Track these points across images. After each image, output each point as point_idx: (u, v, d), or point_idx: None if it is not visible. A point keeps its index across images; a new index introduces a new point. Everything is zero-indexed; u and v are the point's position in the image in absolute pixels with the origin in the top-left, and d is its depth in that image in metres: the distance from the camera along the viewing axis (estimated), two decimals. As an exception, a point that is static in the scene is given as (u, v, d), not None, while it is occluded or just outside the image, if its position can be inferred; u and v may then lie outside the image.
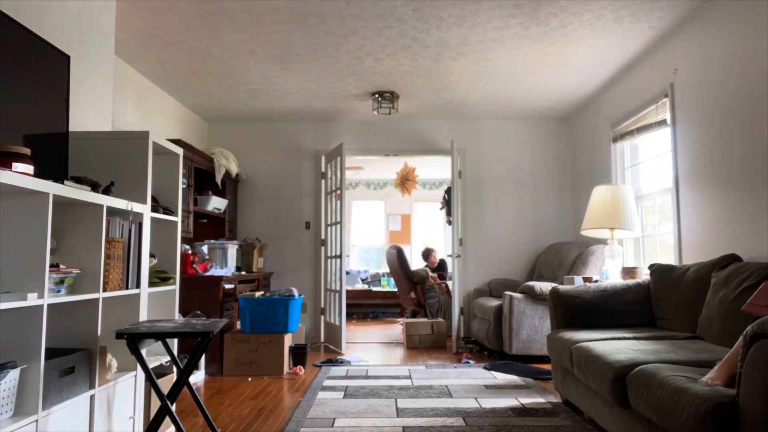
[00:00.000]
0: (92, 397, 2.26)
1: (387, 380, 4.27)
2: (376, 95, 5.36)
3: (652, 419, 2.14)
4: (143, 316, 2.68)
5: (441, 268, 7.89)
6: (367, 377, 4.40)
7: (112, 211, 2.49)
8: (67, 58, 2.57)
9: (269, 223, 6.39)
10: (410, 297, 7.09)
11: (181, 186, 3.13)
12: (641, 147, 4.86)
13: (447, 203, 7.53)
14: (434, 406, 3.51)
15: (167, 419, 2.89)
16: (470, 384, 4.12)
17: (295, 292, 4.85)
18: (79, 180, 2.27)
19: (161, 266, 3.01)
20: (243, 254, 5.68)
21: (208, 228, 5.77)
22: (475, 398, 3.69)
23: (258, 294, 4.86)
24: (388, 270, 8.03)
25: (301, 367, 4.65)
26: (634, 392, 2.25)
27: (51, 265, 2.11)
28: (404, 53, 4.38)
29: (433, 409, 3.42)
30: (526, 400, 3.61)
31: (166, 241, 3.04)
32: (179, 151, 3.08)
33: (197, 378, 4.37)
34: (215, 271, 4.91)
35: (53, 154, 2.46)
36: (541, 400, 3.63)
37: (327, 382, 4.21)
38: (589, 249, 5.17)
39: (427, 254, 7.93)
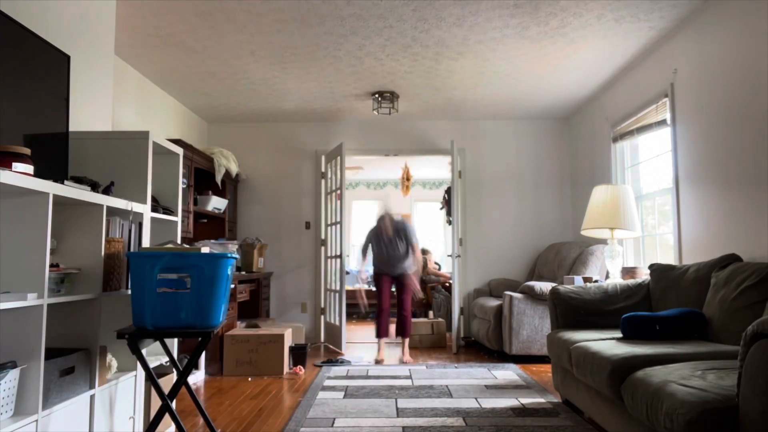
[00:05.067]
0: (92, 397, 2.26)
1: (387, 380, 4.28)
2: (376, 95, 5.36)
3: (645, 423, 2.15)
4: (143, 316, 2.67)
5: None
6: (367, 377, 4.40)
7: (112, 211, 2.49)
8: (67, 58, 2.57)
9: (269, 223, 6.39)
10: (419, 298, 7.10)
11: (181, 186, 3.13)
12: (641, 147, 4.86)
13: (447, 203, 7.53)
14: (434, 406, 3.52)
15: (167, 419, 2.89)
16: (471, 384, 4.13)
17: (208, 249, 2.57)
18: (79, 180, 2.27)
19: (161, 266, 3.01)
20: (243, 254, 5.68)
21: (208, 228, 5.77)
22: (476, 398, 3.70)
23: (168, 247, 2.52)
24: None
25: (301, 367, 4.65)
26: (628, 396, 2.26)
27: (51, 265, 2.11)
28: (404, 53, 4.38)
29: (433, 409, 3.43)
30: (527, 400, 3.62)
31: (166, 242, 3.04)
32: (179, 151, 3.08)
33: (197, 378, 4.37)
34: (215, 271, 4.88)
35: (53, 154, 2.46)
36: (541, 400, 3.64)
37: (327, 382, 4.22)
38: (589, 249, 5.17)
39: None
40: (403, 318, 5.24)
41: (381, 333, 5.25)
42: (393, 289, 5.34)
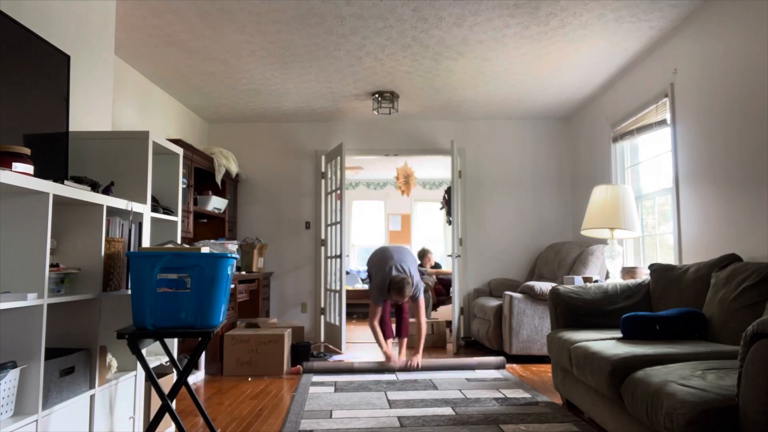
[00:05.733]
0: (92, 397, 2.26)
1: (372, 375, 4.45)
2: (376, 95, 5.36)
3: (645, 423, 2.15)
4: (143, 316, 2.67)
5: (436, 268, 7.91)
6: (352, 373, 4.55)
7: (112, 211, 2.49)
8: (67, 58, 2.57)
9: (269, 223, 6.39)
10: None
11: (181, 186, 3.13)
12: (641, 147, 4.86)
13: (447, 203, 7.53)
14: (423, 397, 3.68)
15: (167, 418, 2.89)
16: (452, 378, 4.31)
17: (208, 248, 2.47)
18: (79, 180, 2.27)
19: (161, 266, 3.00)
20: (243, 254, 5.68)
21: (208, 228, 5.77)
22: (460, 390, 3.88)
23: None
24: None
25: (301, 367, 4.65)
26: (628, 396, 2.26)
27: (51, 265, 2.11)
28: (404, 53, 4.38)
29: (422, 401, 3.59)
30: (507, 392, 3.80)
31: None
32: (179, 151, 3.08)
33: (197, 378, 4.37)
34: (215, 271, 4.88)
35: (53, 154, 2.46)
36: (520, 390, 3.82)
37: (315, 378, 4.33)
38: (589, 249, 5.17)
39: (422, 255, 7.93)
40: (401, 319, 5.23)
41: (386, 335, 5.21)
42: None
